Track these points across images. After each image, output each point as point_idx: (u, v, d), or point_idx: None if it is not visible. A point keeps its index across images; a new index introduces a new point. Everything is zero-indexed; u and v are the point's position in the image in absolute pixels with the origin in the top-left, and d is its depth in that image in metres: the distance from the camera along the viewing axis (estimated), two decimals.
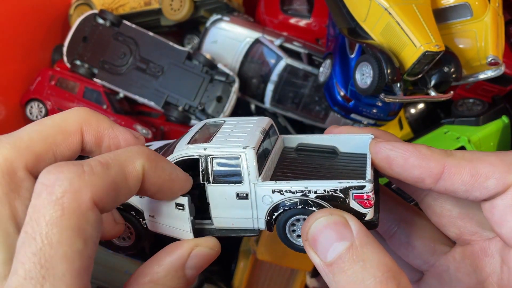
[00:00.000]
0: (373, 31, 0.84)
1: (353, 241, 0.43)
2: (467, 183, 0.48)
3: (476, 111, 0.99)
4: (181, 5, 1.10)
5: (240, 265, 1.09)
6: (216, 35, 1.13)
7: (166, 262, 0.47)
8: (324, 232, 0.45)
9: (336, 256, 0.42)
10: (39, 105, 1.09)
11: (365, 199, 0.50)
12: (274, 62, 1.09)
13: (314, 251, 0.45)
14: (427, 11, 0.82)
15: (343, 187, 0.50)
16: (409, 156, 0.50)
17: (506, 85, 1.06)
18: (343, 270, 0.42)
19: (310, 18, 1.19)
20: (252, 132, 0.57)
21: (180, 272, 0.47)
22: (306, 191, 0.50)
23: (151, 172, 0.45)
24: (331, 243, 0.43)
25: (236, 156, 0.52)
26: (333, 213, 0.46)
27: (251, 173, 0.52)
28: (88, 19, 1.10)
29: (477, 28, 0.87)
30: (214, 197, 0.54)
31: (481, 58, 0.87)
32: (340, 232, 0.44)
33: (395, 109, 0.95)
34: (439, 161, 0.49)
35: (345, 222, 0.45)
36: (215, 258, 0.51)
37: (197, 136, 0.59)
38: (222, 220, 0.56)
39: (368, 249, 0.42)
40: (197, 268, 0.49)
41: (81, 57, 1.10)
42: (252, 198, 0.53)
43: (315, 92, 1.10)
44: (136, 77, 1.08)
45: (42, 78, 1.10)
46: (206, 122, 0.64)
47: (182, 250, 0.48)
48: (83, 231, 0.37)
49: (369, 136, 0.59)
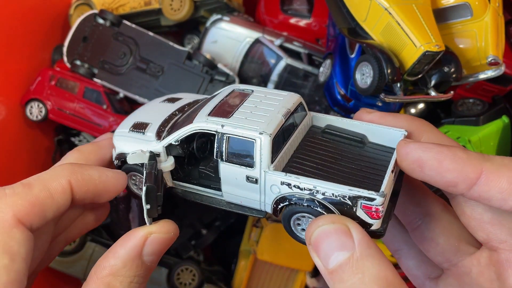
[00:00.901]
0: (373, 31, 0.84)
1: (354, 252, 0.42)
2: (504, 191, 0.45)
3: (476, 111, 0.99)
4: (181, 5, 1.10)
5: (240, 265, 1.09)
6: (216, 35, 1.13)
7: (121, 254, 0.48)
8: (326, 239, 0.44)
9: (337, 265, 0.42)
10: (39, 105, 1.09)
11: (373, 211, 0.48)
12: (274, 62, 1.09)
13: (317, 255, 0.45)
14: (427, 11, 0.82)
15: (353, 195, 0.48)
16: (444, 158, 0.46)
17: (506, 85, 1.06)
18: (342, 280, 0.41)
19: (310, 18, 1.19)
20: (274, 114, 0.55)
21: (138, 261, 0.48)
22: (314, 191, 0.49)
23: (78, 183, 0.48)
24: (333, 252, 0.43)
25: (251, 140, 0.52)
26: (336, 221, 0.45)
27: (263, 160, 0.51)
28: (88, 19, 1.10)
29: (477, 28, 0.87)
30: (226, 174, 0.54)
31: (481, 58, 0.87)
32: (342, 241, 0.43)
33: (395, 109, 0.95)
34: (476, 165, 0.45)
35: (348, 232, 0.44)
36: (174, 240, 0.52)
37: (221, 104, 0.58)
38: (231, 196, 0.56)
39: (368, 261, 0.41)
40: (155, 254, 0.50)
41: (81, 57, 1.10)
42: (261, 184, 0.53)
43: (315, 92, 1.10)
44: (136, 77, 1.08)
45: (42, 78, 1.10)
46: (235, 88, 0.63)
47: (136, 240, 0.49)
48: (9, 248, 0.40)
49: (401, 132, 0.56)
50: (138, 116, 0.65)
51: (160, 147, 0.57)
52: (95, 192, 0.51)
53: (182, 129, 0.56)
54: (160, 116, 0.63)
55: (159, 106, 0.68)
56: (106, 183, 0.52)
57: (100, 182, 0.51)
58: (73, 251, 1.06)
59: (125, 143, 0.59)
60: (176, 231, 0.53)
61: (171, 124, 0.61)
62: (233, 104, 0.58)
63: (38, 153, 1.17)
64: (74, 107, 1.08)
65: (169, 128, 0.60)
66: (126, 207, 1.03)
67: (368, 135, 0.59)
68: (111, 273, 0.46)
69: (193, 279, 1.08)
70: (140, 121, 0.63)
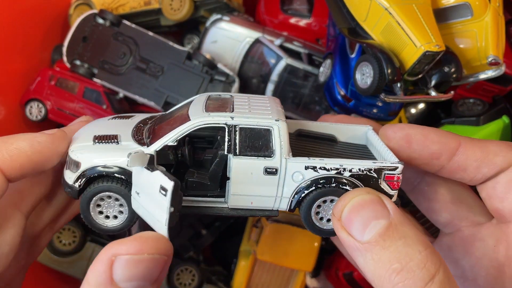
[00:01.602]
0: (373, 31, 0.83)
1: (392, 219, 0.43)
2: (478, 159, 0.50)
3: (476, 111, 0.98)
4: (181, 5, 1.10)
5: (240, 265, 1.09)
6: (216, 35, 1.13)
7: (92, 282, 0.40)
8: (361, 211, 0.45)
9: (375, 234, 0.43)
10: (39, 105, 1.09)
11: (395, 180, 0.50)
12: (274, 62, 1.08)
13: (347, 231, 0.45)
14: (428, 11, 0.82)
15: (378, 167, 0.50)
16: (428, 132, 0.52)
17: (506, 85, 1.06)
18: (384, 247, 0.42)
19: (310, 18, 1.19)
20: (274, 107, 0.54)
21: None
22: (341, 169, 0.49)
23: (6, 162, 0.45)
24: (369, 222, 0.44)
25: (268, 128, 0.50)
26: (370, 191, 0.47)
27: (284, 147, 0.50)
28: (88, 19, 1.10)
29: (478, 28, 0.87)
30: (238, 171, 0.51)
31: (482, 58, 0.87)
32: (378, 211, 0.44)
33: (395, 109, 0.95)
34: (455, 138, 0.52)
35: (381, 201, 0.45)
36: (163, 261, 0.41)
37: (209, 106, 0.54)
38: (240, 198, 0.52)
39: (407, 227, 0.43)
40: (136, 279, 0.40)
41: (81, 57, 1.10)
42: (281, 174, 0.51)
43: (315, 92, 1.10)
44: (136, 77, 1.08)
45: (42, 78, 1.10)
46: (210, 95, 0.60)
47: (101, 264, 0.40)
48: None
49: (367, 127, 0.60)
50: (91, 131, 0.57)
51: (150, 152, 0.51)
52: (31, 163, 0.47)
53: (179, 128, 0.51)
54: (123, 128, 0.57)
55: (113, 122, 0.61)
56: (42, 151, 0.48)
57: (33, 152, 0.47)
58: (72, 251, 1.06)
59: (98, 154, 0.51)
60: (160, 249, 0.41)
61: (147, 133, 0.55)
62: (223, 104, 0.55)
63: None
64: (74, 107, 1.08)
65: (148, 136, 0.54)
66: None
67: (337, 135, 0.62)
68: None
69: (192, 280, 1.07)
70: (102, 134, 0.55)
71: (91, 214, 0.53)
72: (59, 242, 1.05)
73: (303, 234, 0.98)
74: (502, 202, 0.50)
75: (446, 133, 0.53)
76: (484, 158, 0.50)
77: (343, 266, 1.16)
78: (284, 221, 1.00)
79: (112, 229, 0.54)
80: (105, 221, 0.53)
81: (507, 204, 0.49)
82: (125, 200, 0.52)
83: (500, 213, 0.50)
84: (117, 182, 0.51)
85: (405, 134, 0.53)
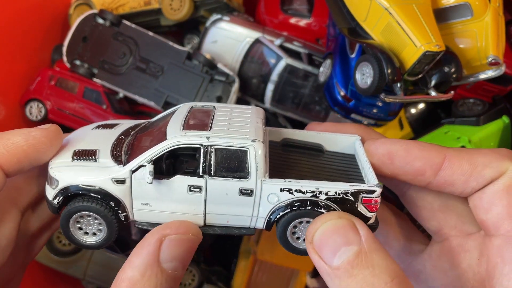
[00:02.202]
0: (374, 31, 0.83)
1: (362, 246, 0.42)
2: (466, 173, 0.48)
3: (476, 111, 0.98)
4: (181, 5, 1.10)
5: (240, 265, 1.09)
6: (216, 35, 1.13)
7: (138, 264, 0.44)
8: (332, 236, 0.44)
9: (344, 260, 0.42)
10: (39, 105, 1.09)
11: (373, 203, 0.49)
12: (274, 62, 1.08)
13: (318, 254, 0.44)
14: (428, 11, 0.82)
15: (354, 190, 0.49)
16: (411, 147, 0.50)
17: (506, 85, 1.06)
18: (352, 274, 0.41)
19: (310, 18, 1.19)
20: (254, 123, 0.53)
21: (156, 269, 0.44)
22: (317, 192, 0.49)
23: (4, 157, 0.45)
24: (339, 247, 0.43)
25: (244, 149, 0.49)
26: (342, 216, 0.46)
27: (259, 169, 0.49)
28: (88, 19, 1.10)
29: (478, 28, 0.87)
30: (213, 192, 0.50)
31: (482, 58, 0.87)
32: (349, 236, 0.43)
33: (395, 109, 0.95)
34: (440, 151, 0.49)
35: (354, 226, 0.44)
36: (196, 242, 0.47)
37: (188, 121, 0.53)
38: (216, 217, 0.52)
39: (377, 255, 0.42)
40: (176, 259, 0.45)
41: (80, 57, 1.10)
42: (256, 195, 0.50)
43: (315, 92, 1.10)
44: (136, 77, 1.08)
45: (41, 78, 1.10)
46: (193, 106, 0.58)
47: (150, 247, 0.45)
48: None
49: (355, 137, 0.58)
50: (73, 144, 0.57)
51: (125, 172, 0.51)
52: (27, 158, 0.48)
53: (155, 148, 0.50)
54: (104, 141, 0.56)
55: (96, 133, 0.60)
56: (37, 145, 0.48)
57: (29, 146, 0.47)
58: (73, 251, 1.06)
59: (75, 173, 0.51)
60: (197, 232, 0.48)
61: (126, 148, 0.54)
62: (202, 119, 0.54)
63: None
64: (73, 107, 1.08)
65: (127, 151, 0.54)
66: None
67: (325, 144, 0.60)
68: (130, 285, 0.43)
69: (192, 279, 1.07)
70: (82, 149, 0.55)
71: (71, 230, 0.53)
72: (59, 242, 1.05)
73: None
74: (486, 213, 0.48)
75: (430, 147, 0.50)
76: (472, 171, 0.48)
77: None
78: None
79: (91, 245, 0.54)
80: (84, 237, 0.54)
81: (491, 216, 0.47)
82: (104, 219, 0.52)
83: (485, 225, 0.49)
84: (95, 201, 0.51)
85: (387, 151, 0.51)
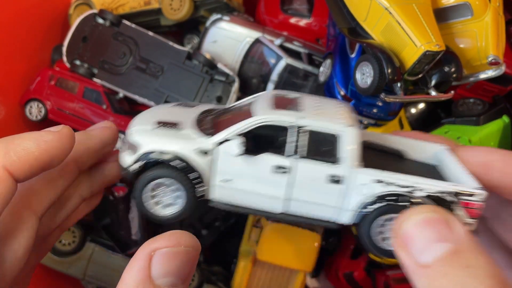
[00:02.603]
0: (374, 30, 0.84)
1: (458, 244, 0.38)
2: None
3: (476, 111, 0.99)
4: (181, 5, 1.10)
5: (240, 265, 1.09)
6: (216, 34, 1.13)
7: (128, 281, 0.41)
8: (424, 229, 0.40)
9: (436, 258, 0.38)
10: (39, 105, 1.09)
11: (475, 208, 0.45)
12: (274, 61, 1.08)
13: (404, 250, 0.40)
14: (428, 10, 0.82)
15: (456, 191, 0.45)
16: (510, 158, 0.46)
17: (506, 85, 1.06)
18: (445, 274, 0.37)
19: (310, 18, 1.19)
20: (346, 112, 0.50)
21: (149, 286, 0.40)
22: (415, 188, 0.46)
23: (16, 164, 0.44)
24: (431, 243, 0.39)
25: (338, 133, 0.47)
26: (437, 210, 0.41)
27: (352, 156, 0.46)
28: (88, 18, 1.10)
29: (478, 27, 0.87)
30: (299, 175, 0.48)
31: (482, 58, 0.87)
32: (444, 232, 0.39)
33: (395, 109, 0.95)
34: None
35: (448, 222, 0.40)
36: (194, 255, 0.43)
37: (277, 102, 0.51)
38: (296, 204, 0.49)
39: (475, 255, 0.38)
40: (172, 275, 0.41)
41: (80, 57, 1.10)
42: (346, 184, 0.47)
43: (315, 92, 1.10)
44: (136, 77, 1.08)
45: (41, 78, 1.10)
46: (278, 93, 0.56)
47: (139, 261, 0.41)
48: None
49: (442, 146, 0.54)
50: (154, 116, 0.56)
51: (211, 144, 0.49)
52: (39, 163, 0.46)
53: (244, 122, 0.49)
54: (188, 115, 0.56)
55: (177, 109, 0.60)
56: (49, 150, 0.46)
57: (40, 152, 0.46)
58: (72, 251, 1.06)
59: (159, 139, 0.50)
60: (191, 243, 0.43)
61: (210, 124, 0.53)
62: (291, 103, 0.52)
63: None
64: (73, 107, 1.08)
65: (211, 127, 0.52)
66: (125, 207, 1.03)
67: (405, 150, 0.57)
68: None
69: (192, 279, 1.07)
70: (164, 120, 0.54)
71: (145, 201, 0.51)
72: (59, 242, 1.05)
73: (303, 234, 0.98)
74: None
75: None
76: None
77: (343, 266, 1.16)
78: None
79: (163, 217, 0.52)
80: (157, 208, 0.52)
81: None
82: (184, 188, 0.50)
83: None
84: (175, 170, 0.50)
85: (483, 161, 0.47)
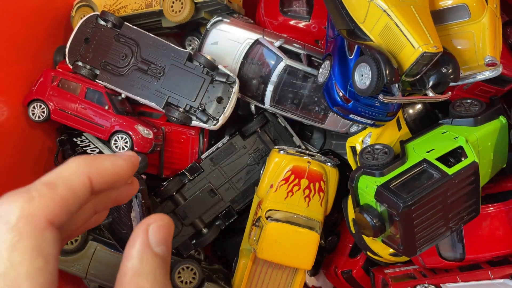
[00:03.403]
0: (372, 32, 0.85)
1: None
2: None
3: (473, 111, 0.99)
4: (182, 7, 1.11)
5: (241, 264, 1.10)
6: (216, 36, 1.14)
7: (133, 253, 0.48)
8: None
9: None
10: (41, 105, 1.10)
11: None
12: (273, 63, 1.09)
13: None
14: (425, 12, 0.83)
15: None
16: None
17: (503, 86, 1.07)
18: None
19: (310, 20, 1.20)
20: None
21: (151, 253, 0.48)
22: None
23: (97, 177, 0.49)
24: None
25: None
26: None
27: None
28: (90, 20, 1.11)
29: (475, 29, 0.88)
30: None
31: (479, 59, 0.88)
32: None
33: (393, 110, 0.96)
34: None
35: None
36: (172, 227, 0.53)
37: None
38: None
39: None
40: (163, 243, 0.50)
41: (83, 58, 1.11)
42: None
43: (314, 92, 1.11)
44: (138, 78, 1.09)
45: (44, 79, 1.11)
46: None
47: (139, 236, 0.49)
48: (42, 250, 0.40)
49: None
50: None
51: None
52: (109, 182, 0.52)
53: None
54: None
55: None
56: (119, 172, 0.53)
57: (113, 172, 0.52)
58: (75, 250, 1.07)
59: None
60: (169, 220, 0.53)
61: None
62: None
63: (41, 153, 1.18)
64: (76, 107, 1.09)
65: None
66: (127, 206, 1.04)
67: None
68: (133, 274, 0.46)
69: (193, 278, 1.08)
70: None
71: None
72: None
73: (302, 233, 0.99)
74: None
75: None
76: None
77: (341, 264, 1.17)
78: (284, 220, 1.01)
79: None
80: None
81: None
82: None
83: None
84: None
85: None
